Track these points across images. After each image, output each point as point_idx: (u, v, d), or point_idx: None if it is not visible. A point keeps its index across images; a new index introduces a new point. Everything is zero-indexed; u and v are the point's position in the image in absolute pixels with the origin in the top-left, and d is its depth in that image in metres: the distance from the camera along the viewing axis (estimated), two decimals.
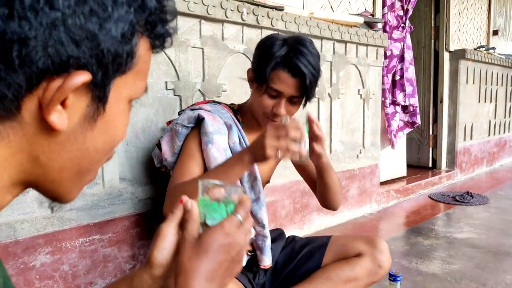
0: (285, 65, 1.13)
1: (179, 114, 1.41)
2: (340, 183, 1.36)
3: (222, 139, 1.20)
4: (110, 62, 0.37)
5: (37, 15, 0.32)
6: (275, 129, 1.02)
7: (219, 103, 1.35)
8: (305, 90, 1.16)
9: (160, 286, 0.58)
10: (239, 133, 1.26)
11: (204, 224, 0.59)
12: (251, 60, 1.26)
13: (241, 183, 1.25)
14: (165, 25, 0.43)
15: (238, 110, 1.34)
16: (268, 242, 1.28)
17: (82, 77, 0.35)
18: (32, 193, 1.37)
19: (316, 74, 1.15)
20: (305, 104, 1.23)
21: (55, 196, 0.43)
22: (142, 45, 0.41)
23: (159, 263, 0.58)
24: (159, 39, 0.43)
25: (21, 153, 0.36)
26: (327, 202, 1.34)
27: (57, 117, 0.35)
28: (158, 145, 1.39)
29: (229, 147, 1.23)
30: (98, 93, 0.38)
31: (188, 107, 1.39)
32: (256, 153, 1.04)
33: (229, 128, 1.25)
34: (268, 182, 1.46)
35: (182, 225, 0.58)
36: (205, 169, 1.20)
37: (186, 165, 1.18)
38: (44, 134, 0.36)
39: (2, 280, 0.32)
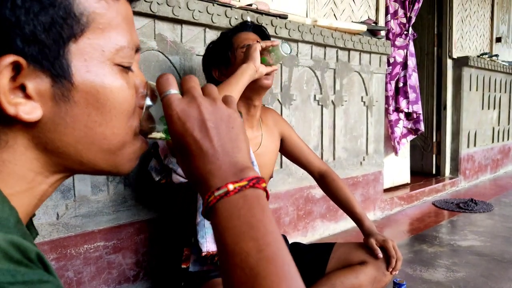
0: (236, 30, 1.35)
1: None
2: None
3: None
4: (41, 34, 0.34)
5: None
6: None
7: None
8: (266, 37, 1.36)
9: None
10: None
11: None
12: (206, 69, 1.43)
13: None
14: None
15: None
16: None
17: (5, 61, 0.33)
18: None
19: (265, 28, 1.39)
20: None
21: (105, 173, 0.43)
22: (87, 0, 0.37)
23: None
24: None
25: (28, 150, 0.37)
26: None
27: (21, 109, 0.35)
28: (155, 154, 1.36)
29: None
30: (54, 69, 0.35)
31: None
32: (249, 56, 1.18)
33: None
34: (271, 176, 1.48)
35: None
36: None
37: None
38: (30, 127, 0.36)
39: None
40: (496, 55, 4.62)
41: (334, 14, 2.66)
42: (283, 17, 2.13)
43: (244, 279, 0.35)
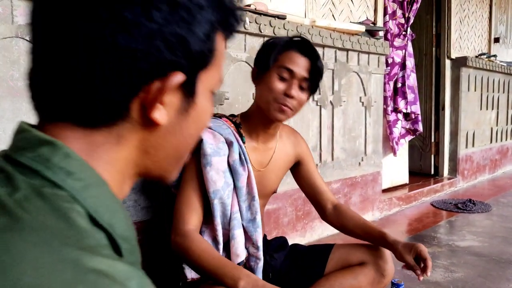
0: (293, 45, 1.18)
1: None
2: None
3: (221, 161, 1.19)
4: (197, 61, 0.41)
5: (139, 28, 0.36)
6: None
7: (220, 116, 1.30)
8: (315, 70, 1.19)
9: None
10: (240, 149, 1.23)
11: None
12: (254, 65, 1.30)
13: (238, 202, 1.23)
14: (235, 16, 0.46)
15: (240, 124, 1.29)
16: (261, 264, 1.26)
17: (178, 78, 0.39)
18: None
19: (320, 59, 1.22)
20: (313, 93, 1.27)
21: (160, 179, 0.47)
22: (219, 40, 0.44)
23: None
24: (231, 30, 0.46)
25: (135, 151, 0.42)
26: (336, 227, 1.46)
27: (159, 114, 0.39)
28: None
29: (229, 165, 1.21)
30: (189, 89, 0.42)
31: None
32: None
33: (229, 145, 1.22)
34: (275, 191, 1.45)
35: None
36: (205, 191, 1.19)
37: (189, 197, 1.18)
38: (149, 130, 0.41)
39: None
40: (494, 56, 4.63)
41: (333, 15, 2.67)
42: (282, 17, 2.13)
43: None
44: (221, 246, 1.21)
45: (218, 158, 1.18)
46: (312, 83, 1.21)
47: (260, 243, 1.25)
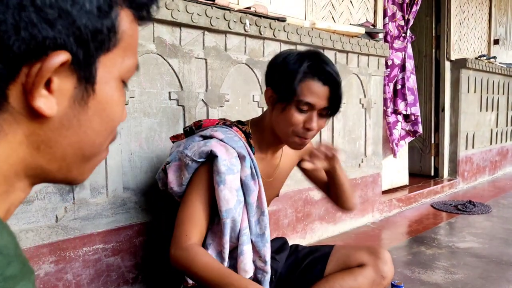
0: (314, 74, 1.11)
1: (184, 131, 1.37)
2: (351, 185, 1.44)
3: (235, 179, 1.16)
4: (90, 40, 0.35)
5: None
6: None
7: (230, 126, 1.26)
8: (336, 98, 1.14)
9: None
10: (251, 163, 1.21)
11: None
12: (266, 79, 1.23)
13: (248, 217, 1.21)
14: None
15: (250, 134, 1.27)
16: (268, 277, 1.27)
17: (60, 57, 0.33)
18: (36, 203, 1.39)
19: (341, 86, 1.15)
20: (332, 116, 1.21)
21: (66, 182, 0.42)
22: (124, 18, 0.38)
23: None
24: (143, 8, 0.41)
25: (21, 147, 0.36)
26: (344, 204, 1.43)
27: (44, 103, 0.34)
28: (164, 170, 1.33)
29: (241, 181, 1.19)
30: (84, 73, 0.36)
31: (194, 124, 1.33)
32: None
33: (242, 159, 1.19)
34: (277, 195, 1.45)
35: None
36: (216, 208, 1.16)
37: (194, 211, 1.15)
38: (37, 123, 0.35)
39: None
40: (494, 57, 4.64)
41: (333, 17, 2.67)
42: (282, 20, 2.13)
43: None
44: (225, 263, 1.20)
45: (232, 176, 1.15)
46: (332, 109, 1.16)
47: (268, 258, 1.24)
